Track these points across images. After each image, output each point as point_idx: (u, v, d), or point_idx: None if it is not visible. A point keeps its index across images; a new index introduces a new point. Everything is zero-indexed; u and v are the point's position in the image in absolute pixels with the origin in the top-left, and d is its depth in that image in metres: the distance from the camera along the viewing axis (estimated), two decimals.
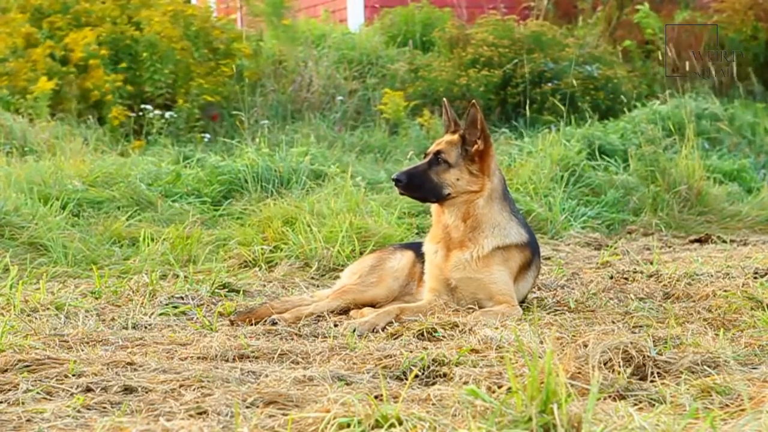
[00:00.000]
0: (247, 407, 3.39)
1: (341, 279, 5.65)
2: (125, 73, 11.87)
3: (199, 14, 12.66)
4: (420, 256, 5.46)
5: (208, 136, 11.63)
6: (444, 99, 5.56)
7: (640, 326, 4.75)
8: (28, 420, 3.31)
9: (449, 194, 5.18)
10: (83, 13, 12.20)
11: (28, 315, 5.07)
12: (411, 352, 4.19)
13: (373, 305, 5.31)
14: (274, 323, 4.96)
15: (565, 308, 5.30)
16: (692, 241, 8.32)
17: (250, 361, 4.17)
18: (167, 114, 11.54)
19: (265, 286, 6.16)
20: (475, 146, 5.18)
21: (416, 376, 3.83)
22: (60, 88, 11.53)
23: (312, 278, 6.47)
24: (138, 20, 12.24)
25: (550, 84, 12.57)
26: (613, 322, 4.79)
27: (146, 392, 3.62)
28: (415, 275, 5.47)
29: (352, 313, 5.25)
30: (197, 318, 5.15)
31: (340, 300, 5.33)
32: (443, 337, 4.55)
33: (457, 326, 4.66)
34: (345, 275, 5.63)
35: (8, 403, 3.51)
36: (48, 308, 5.18)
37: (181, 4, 12.78)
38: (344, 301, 5.33)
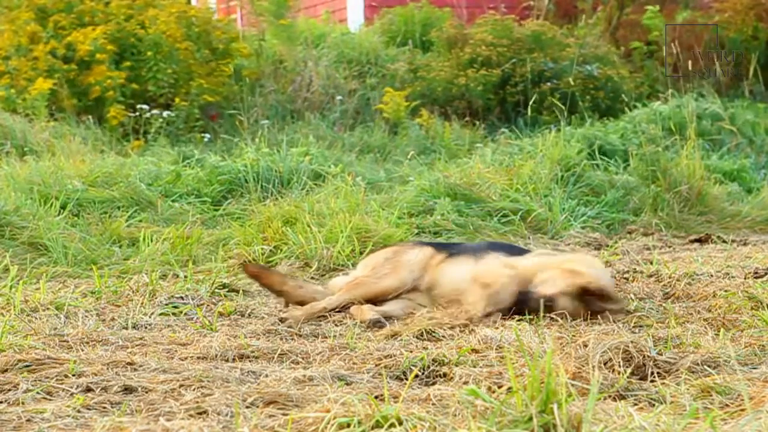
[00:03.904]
0: (247, 407, 3.38)
1: (355, 271, 5.58)
2: (128, 72, 11.88)
3: (201, 15, 12.69)
4: (439, 251, 5.40)
5: (208, 136, 11.63)
6: None
7: (640, 326, 4.74)
8: (28, 420, 3.31)
9: None
10: (88, 12, 12.21)
11: (28, 315, 5.06)
12: (411, 352, 4.18)
13: (384, 297, 5.26)
14: (281, 320, 4.95)
15: None
16: (692, 241, 8.31)
17: (250, 361, 4.17)
18: (165, 113, 11.53)
19: None
20: None
21: (416, 376, 3.83)
22: (59, 85, 11.52)
23: (312, 278, 6.46)
24: (142, 20, 12.24)
25: (549, 84, 12.58)
26: (613, 322, 4.79)
27: (146, 392, 3.61)
28: (430, 269, 5.39)
29: (352, 309, 5.20)
30: (197, 318, 5.15)
31: (349, 294, 5.27)
32: (443, 337, 4.55)
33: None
34: (359, 268, 5.53)
35: (8, 403, 3.51)
36: (48, 308, 5.17)
37: (184, 5, 12.81)
38: (353, 295, 5.25)
